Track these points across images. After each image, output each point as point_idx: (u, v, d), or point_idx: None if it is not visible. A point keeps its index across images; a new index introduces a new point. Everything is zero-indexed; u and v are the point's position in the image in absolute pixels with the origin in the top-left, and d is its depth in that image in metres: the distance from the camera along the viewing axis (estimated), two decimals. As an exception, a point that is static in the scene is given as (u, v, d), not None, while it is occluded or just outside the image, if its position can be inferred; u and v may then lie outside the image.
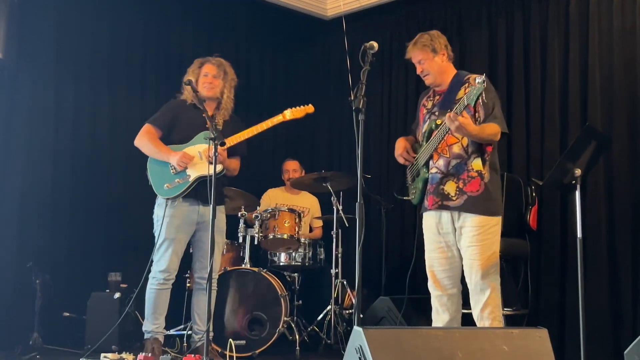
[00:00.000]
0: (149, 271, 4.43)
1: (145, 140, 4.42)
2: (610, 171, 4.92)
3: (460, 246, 3.76)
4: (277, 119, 4.43)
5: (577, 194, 3.62)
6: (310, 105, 4.53)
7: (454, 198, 3.73)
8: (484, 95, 3.46)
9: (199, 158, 4.36)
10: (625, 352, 3.24)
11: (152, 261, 4.40)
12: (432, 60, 3.86)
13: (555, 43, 5.34)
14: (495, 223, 3.73)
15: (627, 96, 4.91)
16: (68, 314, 5.20)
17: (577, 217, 3.63)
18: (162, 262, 4.36)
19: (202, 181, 4.32)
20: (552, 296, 5.14)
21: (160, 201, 4.42)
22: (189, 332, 4.55)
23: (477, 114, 3.69)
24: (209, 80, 4.46)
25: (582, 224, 3.65)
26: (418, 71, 3.93)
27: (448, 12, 6.09)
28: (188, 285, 5.23)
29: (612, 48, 5.01)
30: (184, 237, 4.42)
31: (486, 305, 3.67)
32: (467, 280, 3.75)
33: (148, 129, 4.46)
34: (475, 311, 3.72)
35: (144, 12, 6.09)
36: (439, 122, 3.75)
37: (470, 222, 3.69)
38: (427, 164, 3.88)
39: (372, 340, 2.49)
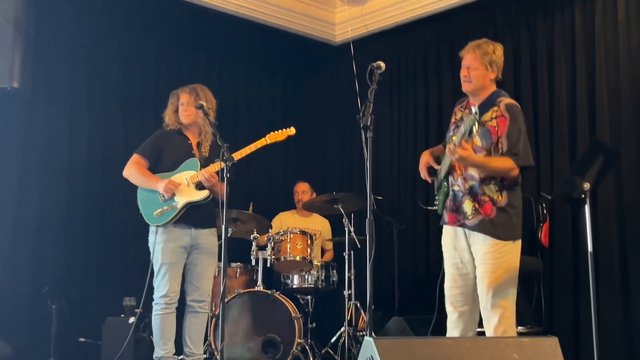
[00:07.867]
0: (150, 298, 4.45)
1: (134, 171, 4.50)
2: (619, 186, 4.94)
3: (475, 264, 3.72)
4: (260, 143, 4.48)
5: (587, 208, 3.61)
6: (291, 128, 4.57)
7: (470, 217, 3.68)
8: (508, 123, 3.52)
9: (186, 185, 4.42)
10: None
11: (150, 288, 4.42)
12: (480, 72, 3.73)
13: (562, 61, 5.40)
14: (509, 246, 3.63)
15: (635, 113, 4.95)
16: (84, 339, 5.24)
17: (587, 231, 3.62)
18: (162, 287, 4.40)
19: (192, 206, 4.40)
20: (566, 313, 5.13)
21: (153, 228, 4.48)
22: (180, 357, 4.56)
23: (500, 145, 3.62)
24: (185, 109, 4.53)
25: (594, 239, 3.63)
26: (463, 73, 3.77)
27: (455, 34, 6.14)
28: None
29: (618, 65, 5.06)
30: (180, 261, 4.45)
31: (497, 325, 3.58)
32: (479, 297, 3.69)
33: (136, 160, 4.53)
34: (488, 331, 3.65)
35: (155, 42, 6.22)
36: (454, 138, 3.62)
37: (481, 241, 3.65)
38: (447, 177, 3.80)
39: (383, 350, 2.50)
